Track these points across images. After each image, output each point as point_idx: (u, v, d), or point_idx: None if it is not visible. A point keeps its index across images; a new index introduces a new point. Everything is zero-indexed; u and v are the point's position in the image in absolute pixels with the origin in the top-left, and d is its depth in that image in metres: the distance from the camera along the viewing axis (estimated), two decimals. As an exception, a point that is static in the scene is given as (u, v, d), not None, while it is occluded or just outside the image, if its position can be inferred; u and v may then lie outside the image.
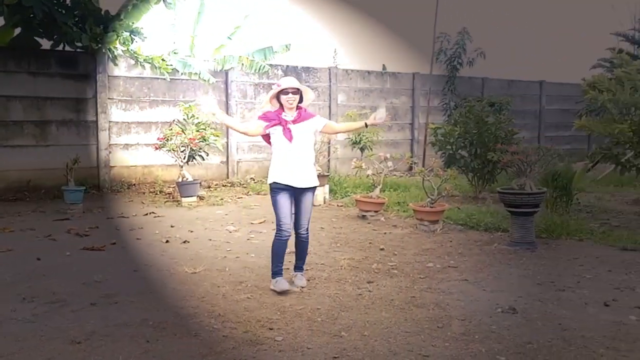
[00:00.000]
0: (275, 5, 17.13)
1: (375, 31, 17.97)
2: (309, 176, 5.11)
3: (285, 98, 5.08)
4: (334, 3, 17.97)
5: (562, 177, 8.54)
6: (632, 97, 7.61)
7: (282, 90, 5.08)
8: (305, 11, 17.87)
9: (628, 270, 5.84)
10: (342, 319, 4.42)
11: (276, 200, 5.05)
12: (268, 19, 15.71)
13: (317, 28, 17.88)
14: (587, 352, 3.81)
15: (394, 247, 6.90)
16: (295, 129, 5.09)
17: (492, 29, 17.53)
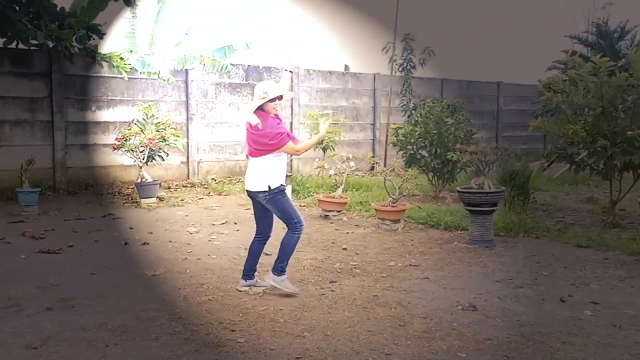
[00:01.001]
0: (237, 4, 17.01)
1: (337, 31, 18.04)
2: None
3: (273, 105, 5.04)
4: (298, 2, 17.97)
5: (519, 176, 8.73)
6: (585, 99, 7.83)
7: (269, 100, 5.00)
8: (268, 10, 17.80)
9: (583, 267, 6.01)
10: (305, 319, 4.42)
11: (288, 200, 5.09)
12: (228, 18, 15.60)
13: (280, 27, 17.83)
14: (544, 347, 3.91)
15: (357, 247, 6.94)
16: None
17: (452, 30, 17.80)
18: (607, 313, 4.59)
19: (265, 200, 5.04)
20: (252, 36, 14.06)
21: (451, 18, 17.89)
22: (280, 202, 5.02)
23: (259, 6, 16.88)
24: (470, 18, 18.38)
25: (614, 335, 4.10)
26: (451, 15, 17.31)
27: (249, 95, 13.42)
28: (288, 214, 5.05)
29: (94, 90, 11.67)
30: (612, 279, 5.56)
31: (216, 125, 13.05)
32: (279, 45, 16.34)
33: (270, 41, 16.35)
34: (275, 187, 4.98)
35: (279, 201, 5.02)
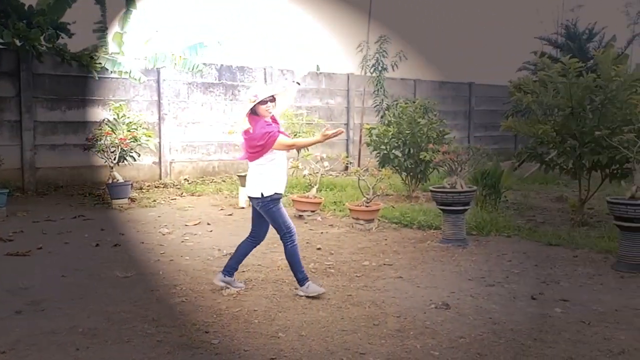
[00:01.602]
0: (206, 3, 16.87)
1: (310, 31, 18.02)
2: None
3: (265, 107, 4.92)
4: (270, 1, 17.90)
5: (491, 175, 8.85)
6: (554, 99, 7.96)
7: (260, 102, 4.91)
8: (240, 10, 17.69)
9: (553, 265, 6.11)
10: (280, 320, 4.41)
11: (280, 210, 4.99)
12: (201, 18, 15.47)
13: (253, 27, 17.75)
14: (516, 344, 3.96)
15: (331, 247, 6.95)
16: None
17: (424, 32, 17.95)
18: (576, 310, 4.67)
19: (258, 207, 5.00)
20: (226, 33, 13.96)
21: (424, 20, 18.05)
22: (272, 211, 4.96)
23: (233, 5, 16.77)
24: (442, 20, 18.58)
25: (583, 332, 4.18)
26: (424, 16, 17.46)
27: (222, 94, 13.35)
28: (278, 225, 4.99)
29: (64, 89, 11.47)
30: (581, 277, 5.67)
31: (188, 125, 12.95)
32: (253, 45, 16.27)
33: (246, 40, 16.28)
34: (268, 195, 4.92)
35: (270, 210, 4.97)
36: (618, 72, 7.51)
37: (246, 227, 8.08)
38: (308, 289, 4.96)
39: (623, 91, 7.50)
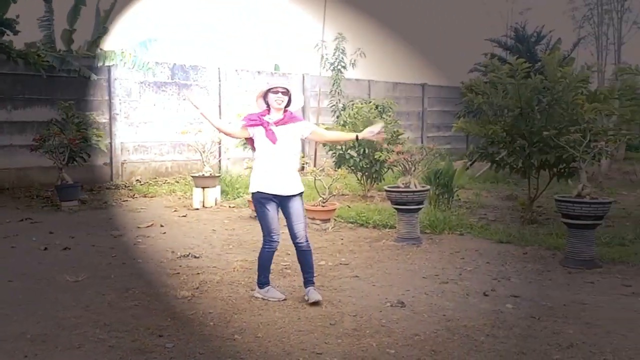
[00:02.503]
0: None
1: (268, 30, 17.94)
2: (294, 182, 4.83)
3: (274, 97, 4.80)
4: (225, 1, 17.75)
5: (444, 175, 9.01)
6: (504, 100, 8.17)
7: (272, 89, 4.82)
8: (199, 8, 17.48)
9: (504, 262, 6.26)
10: (235, 322, 4.37)
11: (262, 210, 4.78)
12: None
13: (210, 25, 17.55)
14: (469, 340, 4.04)
15: (287, 247, 6.89)
16: (278, 131, 4.75)
17: (378, 34, 18.12)
18: (526, 305, 4.80)
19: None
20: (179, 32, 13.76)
21: (377, 21, 18.21)
22: (257, 210, 4.86)
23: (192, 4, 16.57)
24: (396, 22, 18.80)
25: (533, 327, 4.30)
26: (377, 18, 17.61)
27: (175, 94, 13.15)
28: (261, 225, 4.87)
29: (9, 88, 11.09)
30: (531, 273, 5.83)
31: (141, 125, 12.70)
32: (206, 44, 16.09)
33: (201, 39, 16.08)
34: (251, 192, 4.86)
35: (255, 208, 4.88)
36: (564, 73, 7.76)
37: (200, 228, 8.03)
38: (267, 293, 4.90)
39: (569, 92, 7.75)
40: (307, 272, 4.88)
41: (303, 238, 4.83)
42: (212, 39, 13.75)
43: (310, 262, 4.90)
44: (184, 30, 14.40)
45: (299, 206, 4.85)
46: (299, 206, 4.85)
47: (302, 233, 4.83)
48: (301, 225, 4.83)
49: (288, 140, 4.81)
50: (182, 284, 5.34)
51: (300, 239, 4.83)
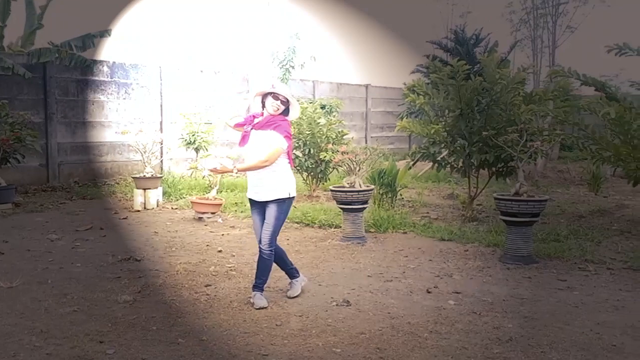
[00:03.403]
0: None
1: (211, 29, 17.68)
2: (265, 188, 4.74)
3: (272, 102, 4.72)
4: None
5: (388, 175, 9.13)
6: (445, 101, 8.36)
7: (273, 94, 4.71)
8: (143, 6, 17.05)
9: (446, 259, 6.40)
10: (179, 326, 4.29)
11: (252, 215, 4.95)
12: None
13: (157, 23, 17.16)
14: (413, 337, 4.11)
15: (232, 249, 6.86)
16: (254, 135, 4.74)
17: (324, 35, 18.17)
18: (468, 302, 4.92)
19: None
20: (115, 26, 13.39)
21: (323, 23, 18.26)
22: None
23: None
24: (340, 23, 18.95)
25: (475, 322, 4.41)
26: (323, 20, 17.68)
27: (115, 93, 12.79)
28: None
29: None
30: (472, 270, 5.98)
31: (79, 124, 12.29)
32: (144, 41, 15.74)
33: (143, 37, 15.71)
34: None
35: None
36: (502, 75, 8.00)
37: (142, 231, 7.85)
38: (253, 297, 4.79)
39: (506, 93, 8.01)
40: (258, 277, 4.83)
41: (265, 245, 4.77)
42: (161, 37, 13.45)
43: (264, 269, 4.81)
44: (131, 27, 14.02)
45: (272, 212, 4.76)
46: (272, 212, 4.76)
47: (265, 239, 4.76)
48: (267, 232, 4.76)
49: (256, 146, 4.73)
50: (123, 287, 5.20)
51: (261, 244, 4.80)
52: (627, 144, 7.20)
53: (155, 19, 14.11)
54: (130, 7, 15.96)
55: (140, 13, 14.41)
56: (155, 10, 17.25)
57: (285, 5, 14.24)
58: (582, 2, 18.55)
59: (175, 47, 16.62)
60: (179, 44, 16.78)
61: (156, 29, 13.94)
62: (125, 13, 15.93)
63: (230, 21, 17.93)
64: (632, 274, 5.82)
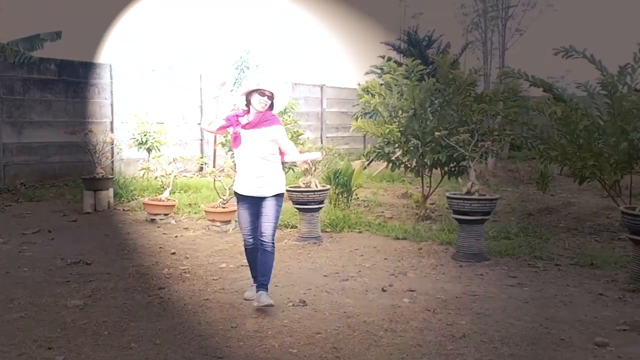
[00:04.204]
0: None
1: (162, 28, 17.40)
2: (266, 184, 4.68)
3: (259, 99, 4.60)
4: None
5: (343, 174, 9.18)
6: (399, 101, 8.47)
7: (259, 90, 4.59)
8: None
9: (400, 258, 6.47)
10: (132, 330, 4.19)
11: (238, 209, 4.90)
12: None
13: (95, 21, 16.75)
14: (369, 335, 4.13)
15: (186, 250, 6.76)
16: (246, 135, 4.66)
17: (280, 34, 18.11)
18: (422, 299, 4.99)
19: None
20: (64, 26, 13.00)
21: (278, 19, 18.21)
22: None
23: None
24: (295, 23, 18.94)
25: (429, 320, 4.47)
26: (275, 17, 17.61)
27: (63, 92, 12.43)
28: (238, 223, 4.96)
29: None
30: (426, 267, 6.07)
31: (25, 124, 11.88)
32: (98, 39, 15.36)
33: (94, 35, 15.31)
34: (234, 189, 4.84)
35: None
36: (455, 76, 8.15)
37: (92, 233, 7.66)
38: (246, 292, 4.86)
39: (459, 94, 8.16)
40: (264, 274, 4.71)
41: (266, 237, 4.68)
42: (117, 36, 13.12)
43: (267, 264, 4.73)
44: (84, 26, 13.65)
45: (272, 206, 4.72)
46: (272, 206, 4.72)
47: (267, 232, 4.69)
48: (269, 224, 4.70)
49: (255, 144, 4.67)
50: (73, 292, 5.06)
51: (263, 237, 4.69)
52: (573, 143, 7.43)
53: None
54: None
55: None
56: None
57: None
58: (531, 5, 19.11)
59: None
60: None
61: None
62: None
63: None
64: (579, 269, 6.02)
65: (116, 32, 16.26)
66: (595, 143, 7.37)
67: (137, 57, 14.86)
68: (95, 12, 15.87)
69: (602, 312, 4.68)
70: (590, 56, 7.31)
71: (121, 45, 15.46)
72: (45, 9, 14.28)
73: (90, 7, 16.19)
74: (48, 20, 13.48)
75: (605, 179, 7.58)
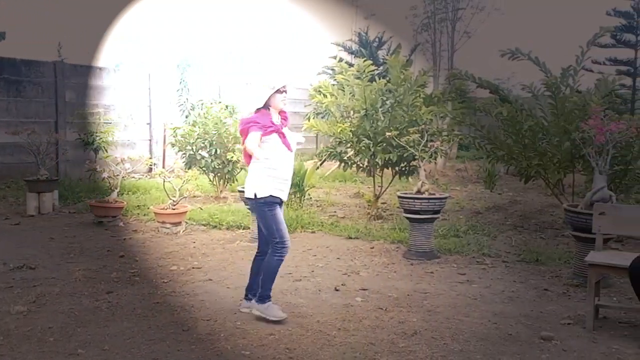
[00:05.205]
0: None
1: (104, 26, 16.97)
2: (288, 188, 4.60)
3: (281, 97, 4.48)
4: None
5: (296, 174, 9.14)
6: (351, 101, 8.53)
7: (280, 89, 4.46)
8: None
9: (353, 257, 6.52)
10: (79, 335, 4.07)
11: (275, 215, 4.43)
12: None
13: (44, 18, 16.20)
14: (322, 335, 4.15)
15: (135, 253, 6.61)
16: (283, 136, 4.49)
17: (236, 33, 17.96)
18: (374, 298, 5.03)
19: (250, 208, 4.45)
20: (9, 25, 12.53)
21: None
22: (265, 215, 4.42)
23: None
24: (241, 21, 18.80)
25: (381, 318, 4.52)
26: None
27: (4, 91, 11.96)
28: (271, 231, 4.45)
29: None
30: (378, 266, 6.13)
31: (-37, 124, 11.37)
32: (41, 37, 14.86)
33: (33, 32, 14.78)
34: (262, 196, 4.39)
35: (264, 214, 4.43)
36: (405, 77, 8.27)
37: (36, 237, 7.40)
38: (268, 310, 4.42)
39: (409, 95, 8.28)
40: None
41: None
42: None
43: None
44: (32, 25, 13.18)
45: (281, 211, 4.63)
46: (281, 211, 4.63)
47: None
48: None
49: (292, 144, 4.60)
50: (17, 297, 4.87)
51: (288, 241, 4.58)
52: (519, 143, 7.66)
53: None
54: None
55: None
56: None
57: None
58: (479, 9, 19.59)
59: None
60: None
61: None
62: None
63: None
64: (525, 266, 6.20)
65: (61, 30, 15.77)
66: (539, 143, 7.62)
67: (84, 55, 14.45)
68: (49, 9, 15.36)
69: (547, 307, 4.84)
70: (535, 58, 7.54)
71: (71, 44, 15.02)
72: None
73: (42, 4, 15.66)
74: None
75: (549, 178, 7.84)
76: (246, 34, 18.66)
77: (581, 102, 7.21)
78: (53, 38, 14.85)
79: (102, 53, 14.50)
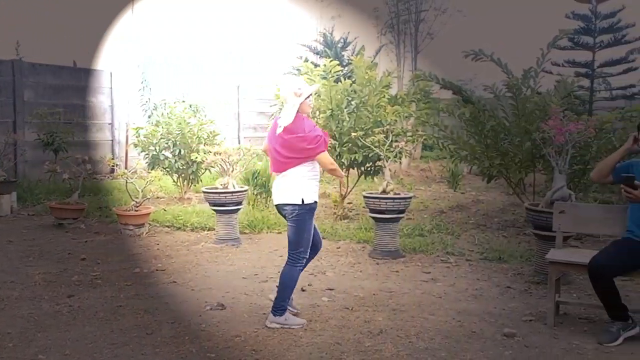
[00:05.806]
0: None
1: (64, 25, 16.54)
2: None
3: (308, 102, 4.35)
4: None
5: (261, 175, 9.13)
6: (316, 102, 8.53)
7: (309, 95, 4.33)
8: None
9: (319, 257, 6.43)
10: (39, 340, 3.97)
11: (311, 224, 4.44)
12: None
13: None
14: (289, 335, 4.13)
15: (97, 256, 6.48)
16: None
17: (200, 32, 17.72)
18: (341, 298, 5.05)
19: (291, 215, 4.32)
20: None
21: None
22: (306, 222, 4.37)
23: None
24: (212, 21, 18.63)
25: (347, 317, 4.53)
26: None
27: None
28: (301, 239, 4.40)
29: None
30: (344, 266, 6.15)
31: None
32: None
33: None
34: (308, 202, 4.32)
35: (305, 220, 4.36)
36: (370, 77, 8.32)
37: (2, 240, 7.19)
38: (288, 321, 4.29)
39: (374, 96, 8.33)
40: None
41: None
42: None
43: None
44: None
45: None
46: None
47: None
48: None
49: None
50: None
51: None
52: (481, 143, 7.79)
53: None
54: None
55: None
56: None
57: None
58: (441, 11, 19.82)
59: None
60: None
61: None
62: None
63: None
64: (488, 264, 6.31)
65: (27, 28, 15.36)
66: (501, 143, 7.75)
67: (48, 54, 14.08)
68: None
69: (510, 304, 4.93)
70: (497, 59, 7.67)
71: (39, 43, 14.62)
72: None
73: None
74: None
75: (511, 177, 7.99)
76: (233, 33, 18.51)
77: (541, 103, 7.37)
78: (12, 37, 14.42)
79: (71, 53, 14.23)
